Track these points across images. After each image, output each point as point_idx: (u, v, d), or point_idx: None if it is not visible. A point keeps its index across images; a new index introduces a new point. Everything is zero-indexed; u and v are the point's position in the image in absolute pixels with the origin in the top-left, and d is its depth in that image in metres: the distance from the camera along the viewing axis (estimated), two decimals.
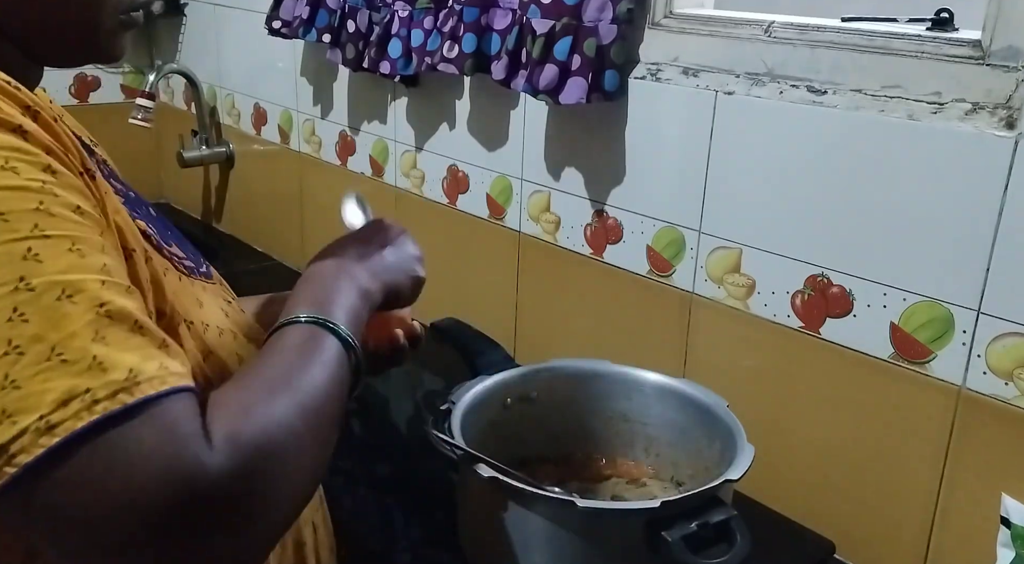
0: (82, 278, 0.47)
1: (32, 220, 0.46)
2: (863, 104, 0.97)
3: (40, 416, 0.43)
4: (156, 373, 0.46)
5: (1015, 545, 0.89)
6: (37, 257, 0.45)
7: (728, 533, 0.76)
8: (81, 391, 0.43)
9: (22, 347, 0.43)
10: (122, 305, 0.48)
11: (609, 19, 1.12)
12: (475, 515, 0.87)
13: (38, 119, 0.51)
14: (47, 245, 0.46)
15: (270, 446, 0.49)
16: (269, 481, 0.48)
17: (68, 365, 0.44)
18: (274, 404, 0.52)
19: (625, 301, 1.26)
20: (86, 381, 0.44)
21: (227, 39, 1.93)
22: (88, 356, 0.44)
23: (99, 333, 0.46)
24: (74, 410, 0.43)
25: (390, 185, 1.63)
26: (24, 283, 0.45)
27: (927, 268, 0.94)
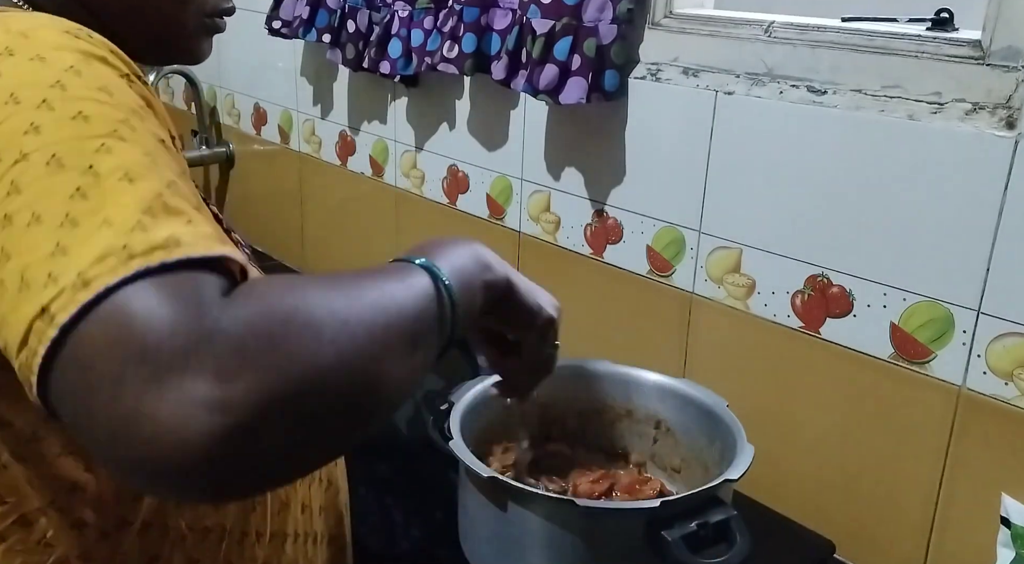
0: (146, 172, 0.47)
1: (113, 126, 0.48)
2: (863, 104, 0.97)
3: (78, 273, 0.42)
4: (200, 244, 0.44)
5: (1015, 545, 0.89)
6: (109, 150, 0.47)
7: (728, 533, 0.76)
8: (119, 247, 0.43)
9: (77, 218, 0.44)
10: (180, 203, 0.46)
11: (609, 19, 1.12)
12: (475, 515, 0.87)
13: (147, 86, 0.55)
14: (120, 145, 0.47)
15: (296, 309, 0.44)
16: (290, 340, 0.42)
17: (112, 228, 0.43)
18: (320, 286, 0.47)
19: (625, 301, 1.26)
20: (125, 239, 0.43)
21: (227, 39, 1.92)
22: (132, 220, 0.44)
23: (151, 210, 0.45)
24: (110, 265, 0.42)
25: (390, 185, 1.63)
26: (92, 169, 0.46)
27: (927, 268, 0.94)
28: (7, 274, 0.44)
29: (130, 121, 0.49)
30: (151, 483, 0.43)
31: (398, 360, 0.48)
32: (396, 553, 1.02)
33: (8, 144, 0.46)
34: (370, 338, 0.46)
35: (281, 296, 0.44)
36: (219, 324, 0.41)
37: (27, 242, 0.44)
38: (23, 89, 0.48)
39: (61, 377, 0.41)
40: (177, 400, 0.39)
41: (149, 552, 0.64)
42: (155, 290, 0.42)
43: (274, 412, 0.41)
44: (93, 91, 0.49)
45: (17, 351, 0.43)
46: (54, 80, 0.49)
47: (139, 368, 0.40)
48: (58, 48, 0.51)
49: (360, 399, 0.46)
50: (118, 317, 0.41)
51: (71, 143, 0.46)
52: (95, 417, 0.41)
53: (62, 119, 0.47)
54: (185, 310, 0.41)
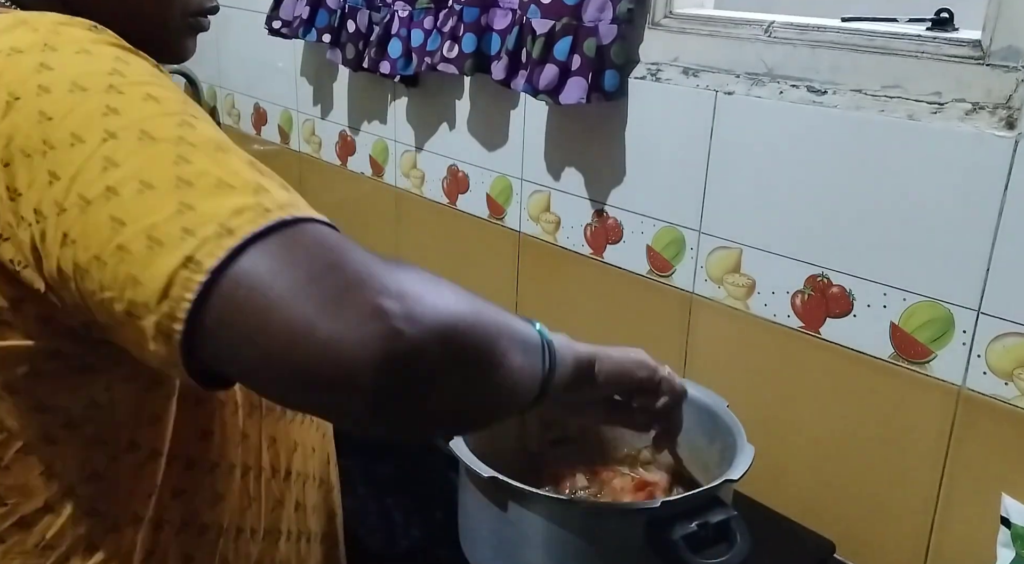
0: (231, 145, 0.50)
1: (180, 106, 0.51)
2: (863, 104, 0.97)
3: (219, 224, 0.44)
4: (313, 212, 0.48)
5: (1015, 545, 0.89)
6: (191, 125, 0.50)
7: (728, 533, 0.76)
8: (252, 204, 0.45)
9: (191, 180, 0.46)
10: (270, 170, 0.51)
11: (609, 19, 1.12)
12: (475, 515, 0.87)
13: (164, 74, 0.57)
14: (196, 122, 0.50)
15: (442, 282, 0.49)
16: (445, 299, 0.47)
17: (235, 189, 0.46)
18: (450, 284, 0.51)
19: (625, 301, 1.26)
20: (254, 199, 0.46)
21: (227, 39, 1.93)
22: (253, 183, 0.47)
23: (256, 174, 0.49)
24: (249, 217, 0.45)
25: (390, 185, 1.63)
26: (184, 140, 0.48)
27: (927, 268, 0.94)
28: (128, 239, 0.45)
29: (189, 102, 0.53)
30: (320, 395, 0.44)
31: (515, 348, 0.52)
32: (396, 553, 1.02)
33: (89, 126, 0.48)
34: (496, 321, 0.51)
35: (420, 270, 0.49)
36: (376, 262, 0.45)
37: (144, 207, 0.45)
38: (84, 78, 0.50)
39: (220, 314, 0.43)
40: (355, 318, 0.42)
41: (147, 547, 0.64)
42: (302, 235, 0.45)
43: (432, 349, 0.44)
44: (149, 76, 0.52)
45: (155, 305, 0.44)
46: (111, 68, 0.51)
47: (315, 285, 0.43)
48: (95, 42, 0.53)
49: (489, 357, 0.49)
50: (277, 254, 0.44)
51: (154, 119, 0.49)
52: (268, 332, 0.43)
53: (135, 100, 0.50)
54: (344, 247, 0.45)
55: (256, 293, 0.43)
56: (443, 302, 0.46)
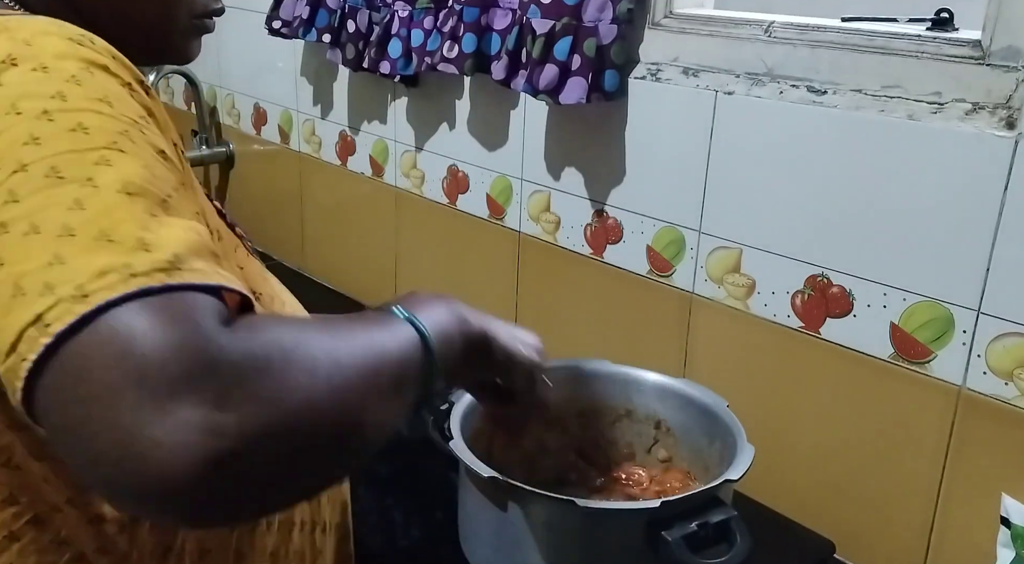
0: (146, 186, 0.47)
1: (112, 138, 0.49)
2: (863, 104, 0.97)
3: (77, 285, 0.42)
4: (201, 268, 0.45)
5: (1015, 545, 0.89)
6: (108, 163, 0.47)
7: (728, 533, 0.76)
8: (121, 265, 0.43)
9: (75, 230, 0.44)
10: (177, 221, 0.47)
11: (609, 19, 1.12)
12: (475, 515, 0.87)
13: (148, 93, 0.56)
14: (120, 157, 0.48)
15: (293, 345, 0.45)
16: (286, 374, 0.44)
17: (112, 245, 0.44)
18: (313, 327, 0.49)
19: (625, 301, 1.26)
20: (128, 258, 0.43)
21: (227, 39, 1.93)
22: (134, 238, 0.44)
23: (151, 227, 0.45)
24: (111, 281, 0.42)
25: (390, 185, 1.63)
26: (91, 182, 0.46)
27: (927, 268, 0.94)
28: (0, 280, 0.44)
29: (129, 133, 0.50)
30: (136, 501, 0.43)
31: (384, 401, 0.50)
32: (396, 553, 1.02)
33: (7, 155, 0.47)
34: (360, 379, 0.48)
35: (280, 332, 0.46)
36: (221, 351, 0.42)
37: (23, 251, 0.44)
38: (24, 100, 0.49)
39: (51, 387, 0.42)
40: (174, 421, 0.40)
41: (164, 543, 0.64)
42: (157, 310, 0.42)
43: (267, 441, 0.42)
44: (93, 102, 0.50)
45: (4, 356, 0.43)
46: (55, 91, 0.49)
47: (139, 386, 0.40)
48: (61, 57, 0.51)
49: (347, 435, 0.47)
50: (119, 333, 0.41)
51: (70, 155, 0.47)
52: (85, 430, 0.41)
53: (61, 131, 0.48)
54: (188, 333, 0.42)
55: (84, 379, 0.41)
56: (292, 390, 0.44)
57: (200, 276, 0.45)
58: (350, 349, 0.49)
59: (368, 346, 0.51)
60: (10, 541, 0.60)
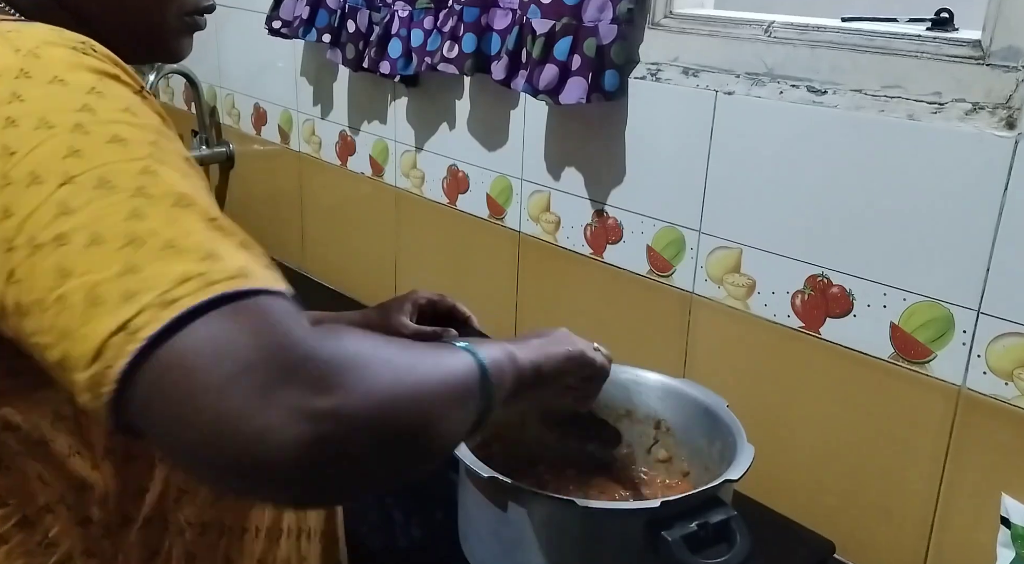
0: (193, 196, 0.49)
1: (148, 149, 0.50)
2: (863, 104, 0.97)
3: (161, 292, 0.44)
4: (267, 276, 0.47)
5: (1015, 545, 0.89)
6: (154, 173, 0.49)
7: (728, 533, 0.76)
8: (197, 273, 0.45)
9: (141, 239, 0.45)
10: (230, 224, 0.50)
11: (609, 19, 1.12)
12: (475, 515, 0.87)
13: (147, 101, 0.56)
14: (161, 168, 0.49)
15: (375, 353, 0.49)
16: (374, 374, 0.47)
17: (185, 253, 0.46)
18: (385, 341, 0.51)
19: (625, 301, 1.26)
20: (202, 266, 0.45)
21: (227, 39, 1.93)
22: (204, 249, 0.46)
23: (212, 236, 0.47)
24: (192, 288, 0.44)
25: (390, 185, 1.63)
26: (141, 191, 0.47)
27: (927, 268, 0.94)
28: (70, 291, 0.45)
29: (159, 142, 0.51)
30: (242, 483, 0.45)
31: (452, 410, 0.54)
32: (396, 553, 1.02)
33: (49, 168, 0.47)
34: (432, 386, 0.52)
35: (358, 339, 0.50)
36: (313, 348, 0.45)
37: (89, 261, 0.45)
38: (53, 113, 0.49)
39: (149, 389, 0.43)
40: (279, 408, 0.43)
41: (150, 547, 0.65)
42: (243, 313, 0.45)
43: (360, 427, 0.45)
44: (121, 113, 0.51)
45: (87, 364, 0.44)
46: (81, 104, 0.50)
47: (244, 379, 0.43)
48: (73, 68, 0.52)
49: (423, 433, 0.50)
50: (214, 333, 0.43)
51: (116, 165, 0.48)
52: (194, 419, 0.43)
53: (100, 143, 0.49)
54: (278, 332, 0.45)
55: (186, 378, 0.43)
56: (377, 386, 0.47)
57: (269, 282, 0.47)
58: (422, 362, 0.52)
59: (435, 362, 0.54)
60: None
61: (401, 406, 0.48)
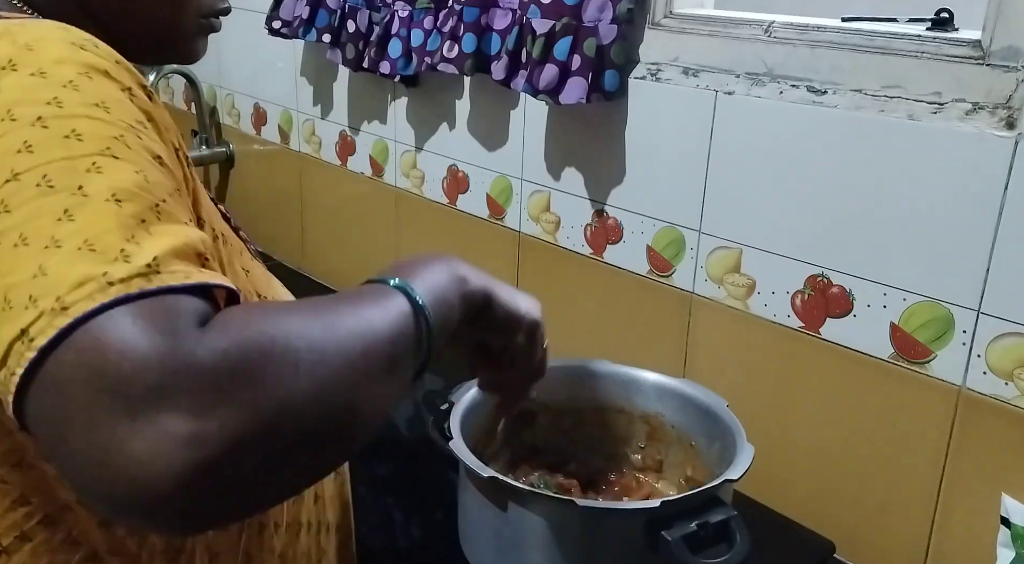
0: (138, 192, 0.47)
1: (106, 144, 0.48)
2: (863, 104, 0.97)
3: (56, 297, 0.42)
4: (181, 269, 0.45)
5: (1015, 545, 0.89)
6: (100, 170, 0.47)
7: (728, 533, 0.76)
8: (98, 274, 0.43)
9: (61, 241, 0.44)
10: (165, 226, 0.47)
11: (609, 19, 1.12)
12: (475, 515, 0.87)
13: (151, 98, 0.55)
14: (112, 164, 0.47)
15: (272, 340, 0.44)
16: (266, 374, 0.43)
17: (95, 254, 0.44)
18: (296, 313, 0.47)
19: (625, 301, 1.26)
20: (106, 267, 0.43)
21: (227, 39, 1.93)
22: (116, 247, 0.44)
23: (137, 235, 0.45)
24: (87, 291, 0.42)
25: (390, 185, 1.63)
26: (81, 190, 0.46)
27: (927, 268, 0.94)
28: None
29: (125, 138, 0.49)
30: (122, 513, 0.43)
31: (375, 386, 0.48)
32: (396, 553, 1.02)
33: (1, 163, 0.47)
34: (348, 367, 0.47)
35: (259, 326, 0.45)
36: (195, 356, 0.41)
37: (12, 263, 0.44)
38: (19, 106, 0.48)
39: (37, 401, 0.42)
40: (150, 434, 0.40)
41: (174, 545, 0.64)
42: (132, 318, 0.42)
43: (248, 446, 0.42)
44: (88, 108, 0.49)
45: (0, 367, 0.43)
46: (51, 97, 0.49)
47: (113, 400, 0.40)
48: (60, 62, 0.51)
49: (336, 428, 0.46)
50: (93, 345, 0.41)
51: (62, 163, 0.47)
52: (68, 445, 0.41)
53: (55, 138, 0.47)
54: (161, 341, 0.41)
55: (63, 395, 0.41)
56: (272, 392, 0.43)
57: (179, 277, 0.44)
58: (336, 334, 0.47)
59: (355, 327, 0.49)
60: (22, 541, 0.60)
61: (305, 408, 0.44)
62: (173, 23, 0.68)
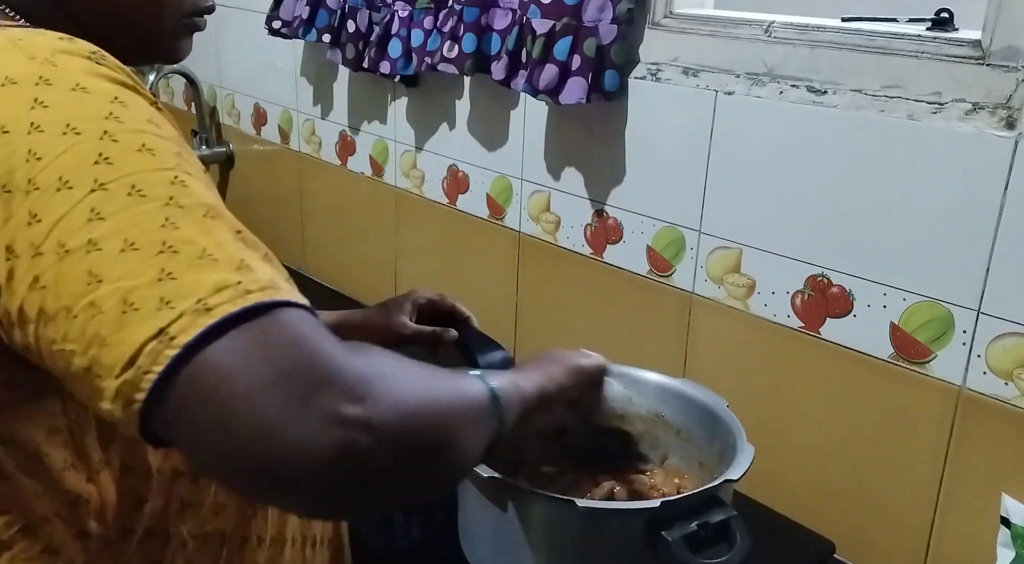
0: (221, 208, 0.51)
1: (175, 160, 0.50)
2: (863, 104, 0.97)
3: (198, 300, 0.44)
4: (291, 288, 0.49)
5: (1015, 545, 0.89)
6: (183, 184, 0.49)
7: (728, 533, 0.76)
8: (233, 282, 0.46)
9: (176, 247, 0.46)
10: (253, 238, 0.51)
11: (609, 19, 1.12)
12: (475, 515, 0.87)
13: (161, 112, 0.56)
14: (189, 179, 0.50)
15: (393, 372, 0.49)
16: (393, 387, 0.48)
17: (219, 263, 0.46)
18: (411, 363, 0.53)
19: (625, 301, 1.26)
20: (237, 276, 0.46)
21: (227, 39, 1.93)
22: (236, 259, 0.47)
23: (242, 248, 0.49)
24: (228, 296, 0.45)
25: (390, 185, 1.63)
26: (174, 201, 0.48)
27: (927, 268, 0.94)
28: (102, 297, 0.45)
29: (183, 154, 0.52)
30: (276, 490, 0.46)
31: (470, 427, 0.56)
32: (396, 553, 1.02)
33: (79, 173, 0.47)
34: (451, 401, 0.54)
35: (380, 355, 0.51)
36: (343, 360, 0.46)
37: (123, 267, 0.45)
38: (80, 120, 0.49)
39: (185, 394, 0.44)
40: (314, 414, 0.43)
41: (151, 559, 0.64)
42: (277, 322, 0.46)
43: (391, 437, 0.46)
44: (145, 123, 0.51)
45: (120, 371, 0.44)
46: (107, 112, 0.50)
47: (280, 386, 0.43)
48: (91, 76, 0.52)
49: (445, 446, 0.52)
50: (252, 341, 0.44)
51: (147, 174, 0.48)
52: (230, 424, 0.43)
53: (129, 151, 0.49)
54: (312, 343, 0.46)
55: (223, 384, 0.43)
56: (403, 399, 0.48)
57: (295, 295, 0.48)
58: (440, 380, 0.54)
59: (452, 382, 0.56)
60: (1, 550, 0.60)
61: (425, 420, 0.49)
62: (155, 24, 0.67)
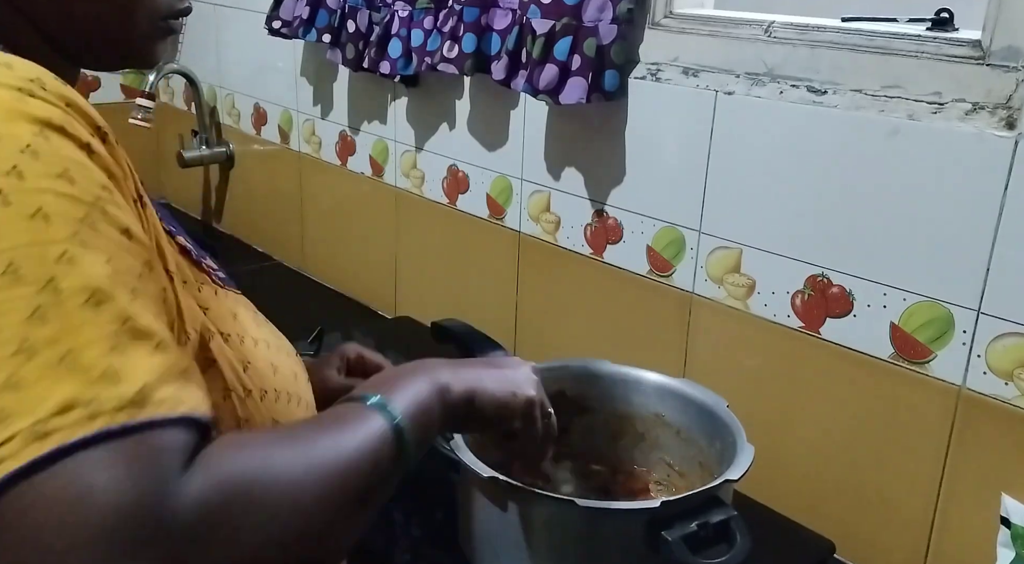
0: (111, 291, 0.45)
1: (74, 228, 0.45)
2: (863, 104, 0.97)
3: (36, 421, 0.40)
4: (168, 396, 0.44)
5: (1015, 545, 0.89)
6: (71, 261, 0.44)
7: (728, 533, 0.76)
8: (84, 401, 0.41)
9: (35, 347, 0.42)
10: (148, 324, 0.46)
11: (609, 19, 1.12)
12: (475, 515, 0.87)
13: (106, 141, 0.51)
14: (83, 254, 0.45)
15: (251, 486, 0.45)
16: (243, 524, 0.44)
17: (77, 372, 0.42)
18: (277, 450, 0.49)
19: (625, 301, 1.26)
20: (93, 391, 0.42)
21: (227, 39, 1.93)
22: (100, 366, 0.43)
23: (118, 347, 0.44)
24: (72, 420, 0.41)
25: (390, 185, 1.63)
26: (52, 284, 0.43)
27: (927, 268, 0.94)
28: None
29: (91, 217, 0.46)
30: None
31: (351, 518, 0.52)
32: (396, 553, 1.02)
33: None
34: (325, 507, 0.49)
35: (241, 466, 0.46)
36: (176, 509, 0.42)
37: None
38: None
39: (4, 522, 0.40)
40: None
41: None
42: (115, 458, 0.41)
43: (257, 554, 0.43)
44: (52, 180, 0.46)
45: None
46: (10, 165, 0.45)
47: (89, 549, 0.39)
48: (12, 118, 0.46)
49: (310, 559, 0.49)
50: (71, 484, 0.40)
51: (29, 249, 0.43)
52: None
53: (19, 218, 0.44)
54: (143, 489, 0.41)
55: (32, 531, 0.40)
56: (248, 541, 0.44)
57: (167, 407, 0.44)
58: (315, 473, 0.49)
59: (335, 463, 0.51)
60: None
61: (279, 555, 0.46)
62: (125, 28, 0.63)
